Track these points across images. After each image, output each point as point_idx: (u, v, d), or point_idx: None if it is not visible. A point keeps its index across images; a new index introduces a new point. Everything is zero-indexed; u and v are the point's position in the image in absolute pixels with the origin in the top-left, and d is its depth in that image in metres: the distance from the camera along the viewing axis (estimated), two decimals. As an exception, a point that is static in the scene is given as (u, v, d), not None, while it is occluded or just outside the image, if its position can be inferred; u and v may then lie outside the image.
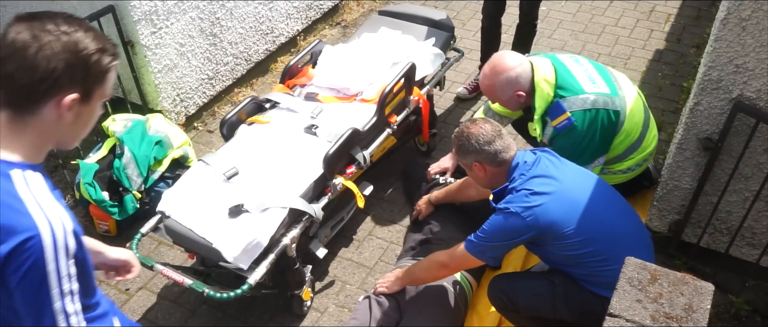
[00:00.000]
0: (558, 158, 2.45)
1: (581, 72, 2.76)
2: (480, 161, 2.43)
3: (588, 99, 2.67)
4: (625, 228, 2.41)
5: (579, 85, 2.71)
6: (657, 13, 4.95)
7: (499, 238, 2.35)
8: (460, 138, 2.47)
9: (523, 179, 2.34)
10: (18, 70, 1.27)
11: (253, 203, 2.63)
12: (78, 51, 1.31)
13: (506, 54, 2.77)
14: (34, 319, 1.29)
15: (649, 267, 1.79)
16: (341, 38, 4.84)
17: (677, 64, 4.39)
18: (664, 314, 1.68)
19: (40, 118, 1.31)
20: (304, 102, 3.16)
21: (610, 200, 2.45)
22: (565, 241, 2.30)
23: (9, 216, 1.25)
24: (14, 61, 1.27)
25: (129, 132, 3.22)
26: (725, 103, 2.52)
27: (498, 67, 2.72)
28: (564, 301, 2.42)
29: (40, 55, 1.27)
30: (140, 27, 3.49)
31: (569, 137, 2.69)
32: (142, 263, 2.69)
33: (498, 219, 2.33)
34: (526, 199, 2.28)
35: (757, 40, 2.32)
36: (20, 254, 1.24)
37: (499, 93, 2.76)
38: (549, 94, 2.70)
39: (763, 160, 2.56)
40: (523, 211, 2.27)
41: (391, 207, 3.47)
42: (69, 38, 1.30)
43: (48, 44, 1.27)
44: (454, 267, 2.56)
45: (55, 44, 1.28)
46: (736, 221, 2.76)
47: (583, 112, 2.67)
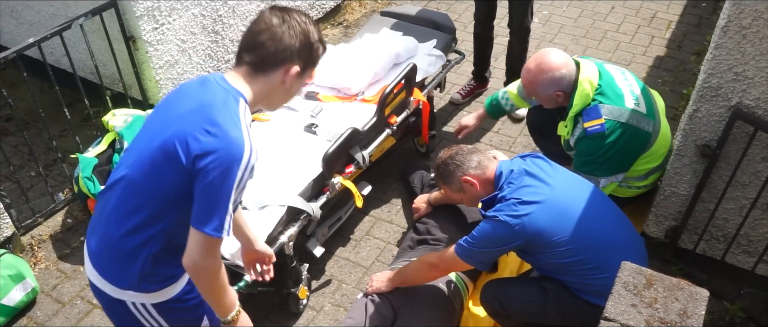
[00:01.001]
0: (550, 164, 2.45)
1: (625, 86, 2.73)
2: (466, 173, 2.47)
3: (625, 113, 2.65)
4: (617, 236, 2.42)
5: (622, 96, 2.68)
6: (658, 19, 4.96)
7: (487, 245, 2.37)
8: (439, 168, 2.57)
9: (513, 188, 2.35)
10: (268, 40, 1.70)
11: (251, 200, 2.64)
12: (309, 36, 1.74)
13: (553, 52, 2.73)
14: (206, 205, 1.64)
15: (644, 272, 1.80)
16: (343, 38, 4.84)
17: (677, 71, 4.40)
18: (659, 319, 1.68)
19: (270, 78, 1.74)
20: (305, 101, 3.17)
21: (601, 208, 2.45)
22: (554, 249, 2.31)
23: (227, 123, 1.63)
24: (267, 33, 1.70)
25: (129, 127, 3.23)
26: (724, 110, 2.52)
27: (544, 65, 2.68)
28: (556, 308, 2.43)
29: (286, 33, 1.70)
30: (142, 22, 3.49)
31: (595, 143, 2.67)
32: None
33: (486, 227, 2.35)
34: (514, 208, 2.29)
35: (757, 49, 2.32)
36: (224, 154, 1.60)
37: (540, 89, 2.73)
38: (589, 95, 2.67)
39: (761, 168, 2.57)
40: (511, 219, 2.28)
41: (389, 207, 3.48)
42: (305, 26, 1.74)
43: (292, 27, 1.71)
44: (443, 269, 2.58)
45: (296, 28, 1.71)
46: (732, 228, 2.76)
47: (618, 123, 2.64)
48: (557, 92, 2.71)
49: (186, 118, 1.66)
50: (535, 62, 2.72)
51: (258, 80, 1.74)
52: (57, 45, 3.34)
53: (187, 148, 1.62)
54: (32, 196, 3.47)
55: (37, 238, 3.31)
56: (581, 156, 2.73)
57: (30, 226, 3.34)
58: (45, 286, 3.09)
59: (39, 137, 3.84)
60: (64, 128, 3.83)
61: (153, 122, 1.79)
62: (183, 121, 1.65)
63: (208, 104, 1.66)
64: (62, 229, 3.38)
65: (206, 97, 1.68)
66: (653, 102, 2.79)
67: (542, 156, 2.50)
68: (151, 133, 1.73)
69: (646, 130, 2.70)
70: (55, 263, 3.21)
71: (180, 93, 1.78)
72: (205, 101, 1.67)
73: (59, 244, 3.31)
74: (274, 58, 1.71)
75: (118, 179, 1.78)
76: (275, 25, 1.70)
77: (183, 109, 1.69)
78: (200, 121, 1.63)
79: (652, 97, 2.81)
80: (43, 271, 3.17)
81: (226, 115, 1.64)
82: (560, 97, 2.72)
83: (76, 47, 3.62)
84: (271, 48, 1.70)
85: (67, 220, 3.43)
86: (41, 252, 3.25)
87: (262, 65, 1.72)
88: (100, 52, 3.60)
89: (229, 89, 1.70)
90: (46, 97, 3.78)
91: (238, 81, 1.73)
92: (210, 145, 1.61)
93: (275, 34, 1.70)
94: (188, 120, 1.65)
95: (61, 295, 3.06)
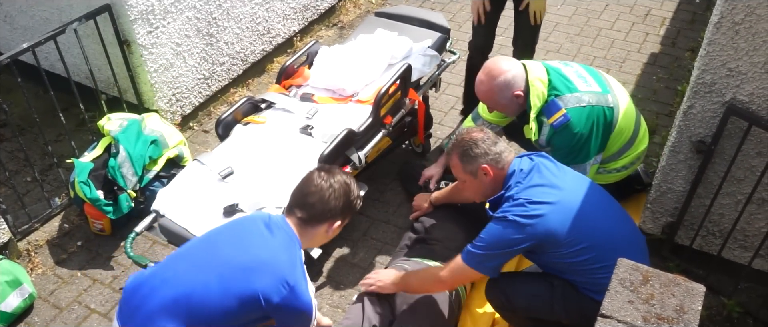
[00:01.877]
0: (556, 164, 2.44)
1: (572, 72, 2.80)
2: (488, 163, 2.40)
3: (582, 97, 2.71)
4: (621, 234, 2.41)
5: (572, 83, 2.74)
6: (652, 16, 4.97)
7: (498, 247, 2.31)
8: (463, 144, 2.43)
9: (521, 187, 2.32)
10: (318, 202, 2.09)
11: (248, 203, 2.64)
12: (349, 195, 2.14)
13: (498, 59, 2.79)
14: None
15: (641, 268, 1.80)
16: (338, 39, 4.85)
17: (672, 68, 4.41)
18: (656, 315, 1.69)
19: (316, 230, 2.13)
20: (300, 102, 3.16)
21: (606, 206, 2.45)
22: (562, 250, 2.29)
23: (301, 286, 1.99)
24: (316, 195, 2.09)
25: (124, 131, 3.22)
26: (718, 106, 2.53)
27: (493, 72, 2.74)
28: (562, 304, 2.42)
29: (332, 195, 2.09)
30: (136, 26, 3.49)
31: (566, 134, 2.70)
32: (137, 262, 2.70)
33: (496, 228, 2.30)
34: (525, 208, 2.25)
35: (750, 44, 2.33)
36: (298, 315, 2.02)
37: (498, 96, 2.77)
38: (543, 92, 2.72)
39: (756, 163, 2.58)
40: (522, 219, 2.24)
41: (386, 208, 3.48)
42: (346, 187, 2.13)
43: (336, 189, 2.10)
44: (450, 283, 2.52)
45: (340, 189, 2.10)
46: (728, 224, 2.77)
47: (579, 109, 2.69)
48: (516, 92, 2.73)
49: (263, 269, 1.97)
50: (484, 72, 2.78)
51: (307, 232, 2.12)
52: (51, 50, 3.33)
53: (269, 302, 1.95)
54: (28, 201, 3.46)
55: (34, 243, 3.31)
56: (559, 150, 2.74)
57: (26, 232, 3.33)
58: (42, 292, 3.08)
59: (34, 142, 3.83)
60: (59, 133, 3.83)
61: (217, 252, 2.05)
62: (260, 273, 1.96)
63: (281, 260, 2.00)
64: (59, 234, 3.37)
65: (276, 246, 2.03)
66: (603, 78, 2.84)
67: (548, 155, 2.48)
68: (219, 270, 1.99)
69: (606, 104, 2.73)
70: (52, 268, 3.20)
71: (246, 230, 2.08)
72: (277, 252, 2.02)
73: (56, 249, 3.30)
74: (322, 217, 2.11)
75: (168, 297, 1.97)
76: (324, 188, 2.09)
77: (255, 255, 2.00)
78: (278, 279, 1.96)
79: (601, 75, 2.86)
80: (40, 276, 3.16)
81: (299, 276, 2.00)
82: (520, 97, 2.75)
83: (71, 52, 3.62)
84: (318, 209, 2.09)
85: (63, 225, 3.42)
86: (38, 257, 3.24)
87: (311, 221, 2.11)
88: (95, 56, 3.60)
89: (293, 237, 2.07)
90: (41, 102, 3.78)
91: (293, 228, 2.10)
92: (289, 302, 1.97)
93: (323, 197, 2.08)
94: (266, 273, 1.97)
95: (59, 300, 3.05)
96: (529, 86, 2.73)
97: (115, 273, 3.17)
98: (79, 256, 3.26)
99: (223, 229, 2.14)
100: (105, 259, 3.24)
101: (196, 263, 2.02)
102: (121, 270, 3.18)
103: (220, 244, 2.06)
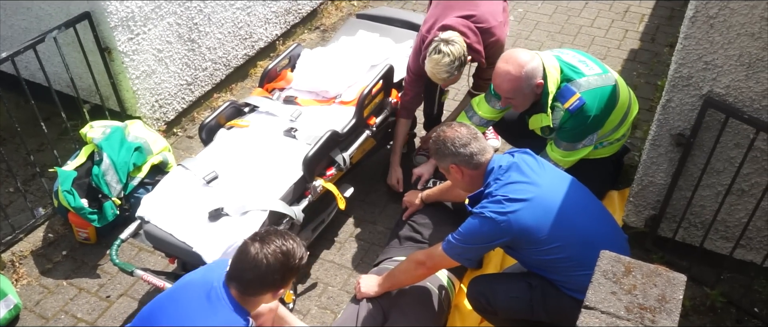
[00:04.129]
0: (537, 160, 2.46)
1: (574, 59, 2.86)
2: (457, 163, 2.45)
3: (590, 81, 2.78)
4: (600, 231, 2.44)
5: (578, 68, 2.81)
6: (631, 13, 5.02)
7: (474, 241, 2.37)
8: (436, 142, 2.49)
9: (500, 184, 2.36)
10: (254, 279, 1.97)
11: (233, 206, 2.64)
12: (290, 263, 1.99)
13: (517, 51, 2.79)
14: None
15: (623, 260, 1.83)
16: (320, 42, 4.85)
17: (651, 63, 4.46)
18: (638, 305, 1.71)
19: (258, 299, 2.05)
20: (283, 105, 3.17)
21: (585, 204, 2.48)
22: (539, 247, 2.33)
23: None
24: (252, 273, 1.96)
25: (108, 138, 3.21)
26: (696, 99, 2.57)
27: (520, 62, 2.73)
28: (542, 305, 2.45)
29: (268, 271, 1.95)
30: (117, 33, 3.47)
31: (582, 117, 2.76)
32: (122, 269, 2.69)
33: (473, 223, 2.35)
34: (501, 205, 2.30)
35: (725, 38, 2.37)
36: None
37: (524, 86, 2.76)
38: (558, 79, 2.78)
39: (734, 154, 2.62)
40: (497, 216, 2.29)
41: (372, 208, 3.49)
42: (284, 256, 1.97)
43: (271, 264, 1.95)
44: (430, 266, 2.57)
45: (275, 264, 1.95)
46: (709, 215, 2.81)
47: (591, 92, 2.76)
48: (538, 81, 2.76)
49: None
50: (510, 64, 2.75)
51: (249, 300, 2.02)
52: (31, 59, 3.31)
53: None
54: (11, 212, 3.43)
55: (18, 254, 3.28)
56: (569, 131, 2.81)
57: (10, 243, 3.30)
58: (28, 302, 3.06)
59: (16, 152, 3.80)
60: (41, 142, 3.79)
61: None
62: None
63: None
64: (44, 245, 3.35)
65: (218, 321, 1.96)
66: (595, 59, 2.93)
67: (531, 152, 2.50)
68: None
69: (607, 84, 2.82)
70: (38, 279, 3.18)
71: (187, 304, 2.01)
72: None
73: (41, 259, 3.27)
74: (261, 289, 2.01)
75: None
76: (259, 263, 1.94)
77: None
78: None
79: (592, 56, 2.95)
80: (26, 287, 3.14)
81: None
82: (540, 86, 2.78)
83: (51, 60, 3.60)
84: (256, 283, 1.99)
85: (48, 235, 3.40)
86: (23, 268, 3.22)
87: (251, 293, 2.01)
88: (76, 64, 3.58)
89: (236, 308, 1.98)
90: (22, 112, 3.75)
91: (236, 299, 2.00)
92: None
93: (259, 272, 1.96)
94: None
95: (45, 310, 3.03)
96: (546, 74, 2.76)
97: (101, 281, 3.15)
98: (65, 266, 3.24)
99: (165, 302, 2.07)
100: (91, 268, 3.22)
101: None
102: (108, 278, 3.16)
103: (159, 321, 2.02)
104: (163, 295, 2.11)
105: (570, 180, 2.49)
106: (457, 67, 2.95)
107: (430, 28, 3.09)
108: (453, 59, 2.92)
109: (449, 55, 2.91)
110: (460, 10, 3.05)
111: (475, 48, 3.04)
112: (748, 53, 2.37)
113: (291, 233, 2.05)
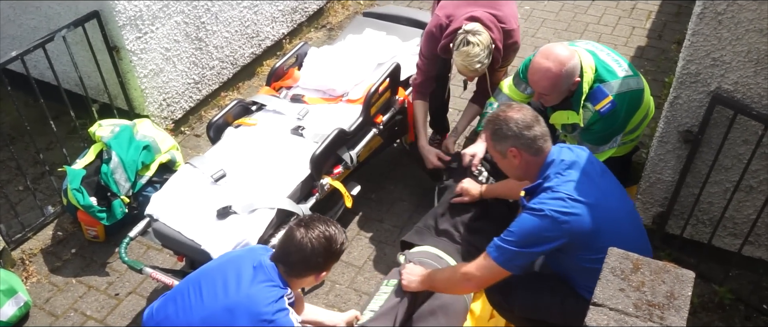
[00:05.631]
0: (594, 162, 2.32)
1: (608, 58, 2.78)
2: (518, 147, 2.24)
3: (623, 82, 2.72)
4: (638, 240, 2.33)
5: (612, 68, 2.74)
6: (638, 10, 5.01)
7: (528, 244, 2.15)
8: (495, 122, 2.28)
9: (561, 180, 2.17)
10: (299, 261, 2.08)
11: (241, 204, 2.65)
12: (332, 247, 2.10)
13: (556, 46, 2.68)
14: None
15: (631, 256, 1.83)
16: (327, 40, 4.86)
17: (658, 60, 4.45)
18: (647, 302, 1.71)
19: (302, 280, 2.15)
20: (291, 104, 3.18)
21: (628, 210, 2.36)
22: (587, 254, 2.17)
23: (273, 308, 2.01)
24: (297, 255, 2.07)
25: (116, 137, 3.22)
26: (704, 96, 2.56)
27: (561, 58, 2.62)
28: (560, 307, 2.36)
29: (312, 254, 2.06)
30: (125, 32, 3.49)
31: (610, 120, 2.71)
32: (131, 267, 2.70)
33: (530, 220, 2.14)
34: (564, 204, 2.11)
35: (733, 34, 2.36)
36: None
37: (563, 83, 2.66)
38: (591, 78, 2.71)
39: (742, 150, 2.61)
40: (559, 216, 2.10)
41: (379, 206, 3.49)
42: (327, 240, 2.08)
43: (316, 248, 2.06)
44: (477, 283, 2.32)
45: (319, 247, 2.06)
46: (717, 212, 2.80)
47: (622, 95, 2.69)
48: (576, 79, 2.67)
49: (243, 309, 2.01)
50: (550, 60, 2.62)
51: (294, 280, 2.13)
52: (40, 58, 3.33)
53: None
54: (21, 210, 3.46)
55: (28, 252, 3.30)
56: (595, 134, 2.75)
57: (20, 241, 3.33)
58: (37, 300, 3.08)
59: (26, 151, 3.82)
60: (50, 141, 3.82)
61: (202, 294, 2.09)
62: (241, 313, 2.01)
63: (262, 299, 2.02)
64: (53, 242, 3.37)
65: (259, 287, 2.04)
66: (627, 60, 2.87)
67: (587, 149, 2.35)
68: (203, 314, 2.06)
69: (638, 88, 2.76)
70: (47, 276, 3.20)
71: (234, 271, 2.09)
72: (259, 293, 2.03)
73: (50, 257, 3.30)
74: (306, 272, 2.12)
75: None
76: (304, 247, 2.05)
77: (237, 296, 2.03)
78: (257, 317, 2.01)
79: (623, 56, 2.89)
80: (35, 285, 3.16)
81: (281, 314, 2.02)
82: (576, 84, 2.69)
83: (60, 59, 3.62)
84: (301, 265, 2.10)
85: (57, 232, 3.42)
86: (32, 266, 3.24)
87: (295, 274, 2.12)
88: (84, 63, 3.60)
89: (279, 282, 2.07)
90: (31, 111, 3.77)
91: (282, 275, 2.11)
92: None
93: (304, 256, 2.07)
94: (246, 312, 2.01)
95: (55, 308, 3.05)
96: (583, 72, 2.68)
97: (110, 279, 3.17)
98: (74, 264, 3.26)
99: (214, 269, 2.17)
100: (100, 266, 3.24)
101: (184, 306, 2.10)
102: (116, 276, 3.18)
103: (206, 286, 2.11)
104: (206, 268, 2.21)
105: (622, 188, 2.36)
106: (486, 56, 2.88)
107: (450, 15, 3.02)
108: (483, 48, 2.85)
109: (479, 44, 2.84)
110: (482, 7, 2.98)
111: (497, 45, 2.97)
112: (756, 50, 2.36)
113: (333, 220, 2.15)
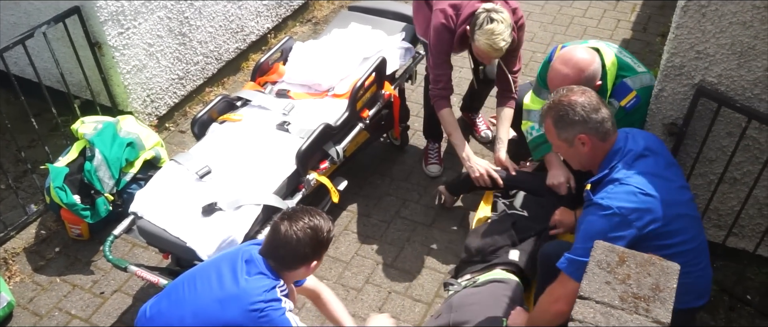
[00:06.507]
0: (661, 153, 2.21)
1: (626, 55, 2.77)
2: (587, 132, 2.10)
3: (643, 77, 2.71)
4: (699, 231, 2.25)
5: (631, 65, 2.72)
6: (623, 3, 5.03)
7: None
8: (558, 108, 2.14)
9: (632, 171, 2.04)
10: (287, 254, 2.07)
11: (227, 201, 2.63)
12: (319, 236, 2.09)
13: (576, 49, 2.61)
14: None
15: (617, 249, 1.83)
16: (312, 35, 4.83)
17: (643, 53, 4.47)
18: (632, 295, 1.72)
19: (293, 273, 2.15)
20: (276, 99, 3.16)
21: (689, 201, 2.26)
22: (658, 251, 2.00)
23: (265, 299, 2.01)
24: (284, 249, 2.06)
25: (99, 134, 3.19)
26: (688, 88, 2.58)
27: (580, 64, 2.55)
28: None
29: (299, 246, 2.05)
30: (107, 28, 3.45)
31: (635, 116, 2.69)
32: (116, 265, 2.68)
33: (598, 223, 2.02)
34: (634, 198, 2.00)
35: (717, 26, 2.37)
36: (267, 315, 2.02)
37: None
38: (614, 74, 2.68)
39: (726, 143, 2.63)
40: (629, 213, 2.00)
41: (366, 201, 3.48)
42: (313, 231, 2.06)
43: (302, 239, 2.05)
44: (570, 309, 1.91)
45: (305, 238, 2.05)
46: (702, 204, 2.82)
47: (644, 89, 2.68)
48: (597, 83, 2.62)
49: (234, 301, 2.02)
50: (569, 66, 2.55)
51: (285, 274, 2.12)
52: (21, 54, 3.28)
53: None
54: (3, 209, 3.41)
55: (11, 251, 3.26)
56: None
57: (3, 240, 3.29)
58: (21, 300, 3.05)
59: (7, 149, 3.77)
60: (32, 139, 3.77)
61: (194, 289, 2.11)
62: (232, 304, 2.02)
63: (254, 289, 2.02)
64: (36, 241, 3.33)
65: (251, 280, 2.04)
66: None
67: (654, 136, 2.28)
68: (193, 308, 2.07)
69: (652, 84, 2.73)
70: (31, 276, 3.16)
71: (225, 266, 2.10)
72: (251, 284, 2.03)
73: (34, 256, 3.26)
74: (295, 264, 2.11)
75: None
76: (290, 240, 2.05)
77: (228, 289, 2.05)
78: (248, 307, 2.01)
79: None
80: (19, 284, 3.12)
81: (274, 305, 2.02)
82: (598, 87, 2.63)
83: (41, 56, 3.57)
84: (290, 258, 2.09)
85: (40, 231, 3.38)
86: (15, 265, 3.20)
87: (286, 268, 2.11)
88: (66, 59, 3.55)
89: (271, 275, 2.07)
90: (12, 108, 3.72)
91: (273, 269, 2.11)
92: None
93: (291, 248, 2.06)
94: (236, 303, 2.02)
95: (38, 307, 3.02)
96: (606, 72, 2.63)
97: (95, 277, 3.14)
98: (58, 262, 3.22)
99: (209, 265, 2.19)
100: (84, 264, 3.21)
101: (177, 300, 2.12)
102: (101, 274, 3.15)
103: (201, 281, 2.13)
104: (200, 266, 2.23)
105: (683, 177, 2.27)
106: (509, 34, 2.85)
107: (454, 5, 2.97)
108: (507, 25, 2.82)
109: (502, 22, 2.80)
110: None
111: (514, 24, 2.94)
112: (739, 42, 2.37)
113: (317, 210, 2.15)
